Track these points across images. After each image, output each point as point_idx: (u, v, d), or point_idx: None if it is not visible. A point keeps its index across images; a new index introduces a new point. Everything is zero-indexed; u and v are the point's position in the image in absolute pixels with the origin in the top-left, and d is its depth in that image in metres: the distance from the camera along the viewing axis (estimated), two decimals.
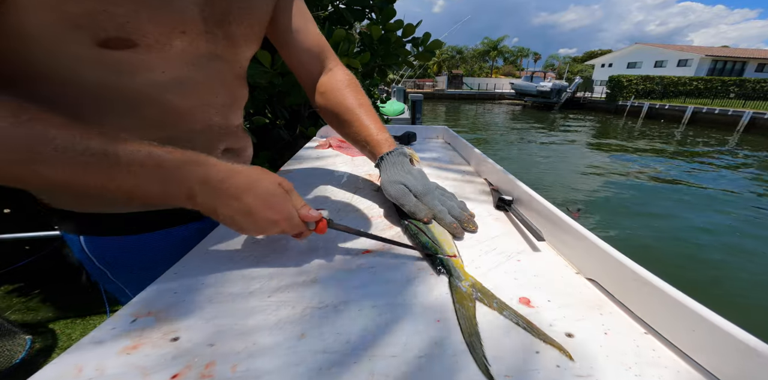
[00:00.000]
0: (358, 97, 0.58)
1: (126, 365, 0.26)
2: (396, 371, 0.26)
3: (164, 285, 0.35)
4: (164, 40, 0.38)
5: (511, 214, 0.53)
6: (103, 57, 0.36)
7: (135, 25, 0.35)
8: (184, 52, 0.41)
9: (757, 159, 8.31)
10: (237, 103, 0.55)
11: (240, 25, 0.47)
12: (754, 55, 24.31)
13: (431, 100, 29.10)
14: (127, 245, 0.51)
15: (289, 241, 0.45)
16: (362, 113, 0.57)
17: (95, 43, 0.34)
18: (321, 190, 0.66)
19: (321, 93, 0.59)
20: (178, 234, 0.54)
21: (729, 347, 0.25)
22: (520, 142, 10.31)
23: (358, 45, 1.42)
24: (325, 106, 0.59)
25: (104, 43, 0.35)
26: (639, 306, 0.32)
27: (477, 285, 0.36)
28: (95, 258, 0.51)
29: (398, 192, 0.49)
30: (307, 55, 0.58)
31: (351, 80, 0.60)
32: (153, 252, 0.52)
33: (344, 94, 0.58)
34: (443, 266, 0.39)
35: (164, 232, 0.53)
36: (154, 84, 0.41)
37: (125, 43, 0.36)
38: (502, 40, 52.02)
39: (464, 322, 0.31)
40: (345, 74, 0.61)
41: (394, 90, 7.00)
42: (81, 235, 0.49)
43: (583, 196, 5.34)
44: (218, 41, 0.45)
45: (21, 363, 1.36)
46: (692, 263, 3.41)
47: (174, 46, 0.40)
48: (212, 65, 0.46)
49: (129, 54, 0.37)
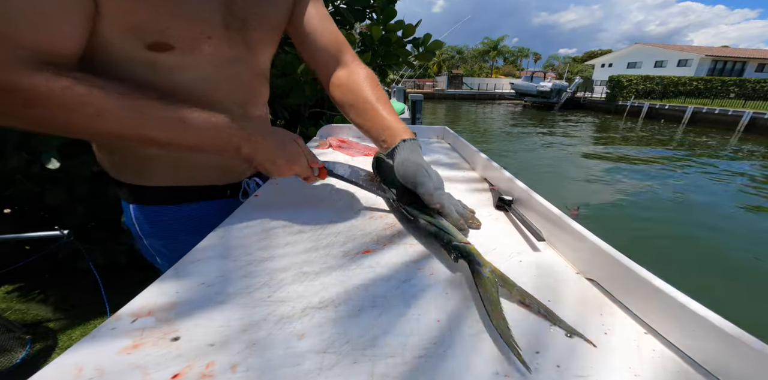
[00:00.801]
0: (375, 90, 0.60)
1: (126, 365, 0.26)
2: (396, 371, 0.26)
3: (164, 285, 0.35)
4: (195, 44, 0.47)
5: (511, 214, 0.54)
6: (148, 58, 0.45)
7: (173, 31, 0.44)
8: (210, 55, 0.50)
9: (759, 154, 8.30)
10: (257, 98, 0.63)
11: (257, 30, 0.54)
12: (754, 55, 24.31)
13: (431, 100, 29.09)
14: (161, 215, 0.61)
15: (289, 241, 0.45)
16: (381, 105, 0.58)
17: (144, 47, 0.44)
18: (321, 189, 0.66)
19: (338, 86, 0.61)
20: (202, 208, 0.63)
21: (729, 347, 0.25)
22: (520, 142, 10.31)
23: (359, 45, 1.42)
24: (342, 98, 0.61)
25: (151, 46, 0.44)
26: (639, 306, 0.32)
27: (497, 272, 0.36)
28: (138, 224, 0.62)
29: (418, 170, 0.50)
30: (324, 53, 0.62)
31: (369, 74, 0.62)
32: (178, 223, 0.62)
33: (362, 87, 0.59)
34: (461, 253, 0.39)
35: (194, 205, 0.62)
36: (185, 81, 0.49)
37: (165, 47, 0.45)
38: (502, 40, 52.01)
39: (490, 307, 0.31)
40: (363, 69, 0.62)
41: (394, 90, 6.99)
42: (131, 204, 0.61)
43: (582, 196, 5.34)
44: (238, 45, 0.52)
45: (21, 363, 1.36)
46: (691, 262, 3.41)
47: (202, 49, 0.48)
48: (233, 66, 0.54)
49: (168, 56, 0.46)
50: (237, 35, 0.51)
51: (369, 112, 0.58)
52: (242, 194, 0.66)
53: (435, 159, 0.93)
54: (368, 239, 0.46)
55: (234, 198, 0.66)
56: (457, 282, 0.37)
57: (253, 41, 0.54)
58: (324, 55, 0.61)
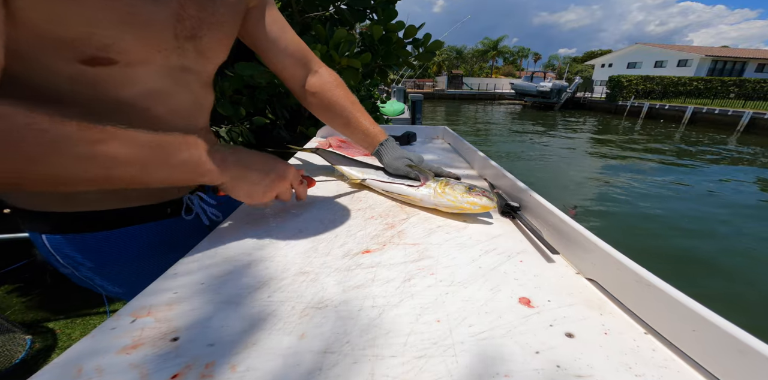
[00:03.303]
0: (348, 96, 0.66)
1: (126, 365, 0.26)
2: (396, 371, 0.26)
3: (164, 285, 0.35)
4: (142, 57, 0.42)
5: (518, 221, 0.52)
6: (79, 74, 0.39)
7: (119, 46, 0.39)
8: (158, 66, 0.45)
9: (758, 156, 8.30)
10: (202, 109, 0.58)
11: (209, 38, 0.50)
12: (754, 55, 24.31)
13: (431, 100, 29.11)
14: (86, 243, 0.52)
15: (288, 242, 0.45)
16: (356, 110, 0.66)
17: (77, 61, 0.38)
18: (321, 189, 0.66)
19: (313, 93, 0.65)
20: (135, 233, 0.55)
21: (729, 347, 0.25)
22: (520, 142, 10.31)
23: (359, 45, 1.42)
24: (319, 105, 0.66)
25: (86, 61, 0.38)
26: (639, 306, 0.32)
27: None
28: (59, 256, 0.52)
29: (403, 161, 0.63)
30: (291, 60, 0.63)
31: (338, 80, 0.67)
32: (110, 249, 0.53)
33: (336, 94, 0.65)
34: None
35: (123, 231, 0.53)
36: (127, 96, 0.44)
37: (105, 61, 0.39)
38: (502, 40, 52.06)
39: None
40: (331, 75, 0.66)
41: (394, 90, 6.99)
42: (43, 234, 0.51)
43: (581, 195, 5.34)
44: (188, 54, 0.49)
45: (21, 363, 1.36)
46: (689, 262, 3.41)
47: (150, 62, 0.44)
48: (182, 76, 0.50)
49: (107, 70, 0.40)
50: (188, 44, 0.47)
51: (347, 118, 0.65)
52: (185, 211, 0.58)
53: (435, 159, 0.93)
54: (368, 239, 0.46)
55: (176, 217, 0.57)
56: (457, 282, 0.37)
57: (205, 49, 0.51)
58: (291, 62, 0.63)
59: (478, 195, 0.52)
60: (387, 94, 6.70)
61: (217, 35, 0.51)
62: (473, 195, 0.52)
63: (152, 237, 0.55)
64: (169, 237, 0.57)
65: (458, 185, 0.55)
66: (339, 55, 1.18)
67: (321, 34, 1.21)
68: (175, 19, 0.43)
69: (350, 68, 1.23)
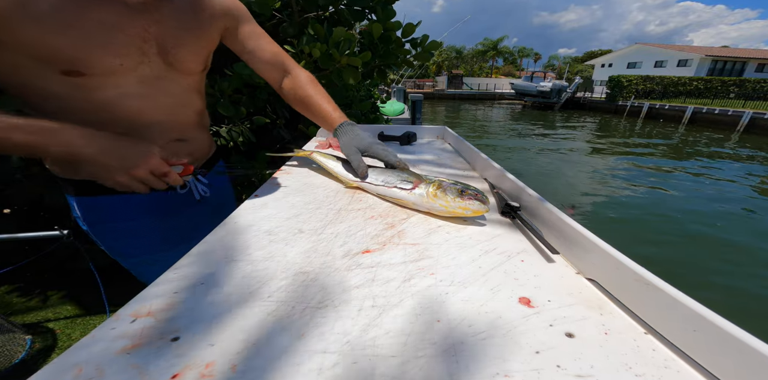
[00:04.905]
0: (316, 88, 0.76)
1: (126, 365, 0.26)
2: (396, 371, 0.26)
3: (164, 285, 0.35)
4: (108, 70, 0.52)
5: (517, 221, 0.52)
6: (65, 81, 0.50)
7: (83, 62, 0.49)
8: (130, 76, 0.55)
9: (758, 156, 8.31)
10: (186, 107, 0.68)
11: (178, 53, 0.59)
12: (754, 55, 24.29)
13: (431, 100, 29.08)
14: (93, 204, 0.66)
15: (288, 242, 0.45)
16: (320, 99, 0.75)
17: (59, 72, 0.49)
18: (321, 189, 0.66)
19: (288, 89, 0.76)
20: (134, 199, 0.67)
21: (729, 347, 0.25)
22: (520, 142, 10.30)
23: (358, 44, 1.42)
24: (294, 97, 0.77)
25: (64, 72, 0.49)
26: (639, 306, 0.32)
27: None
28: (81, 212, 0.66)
29: (350, 151, 0.69)
30: (268, 66, 0.74)
31: (310, 77, 0.77)
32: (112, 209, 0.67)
33: (306, 88, 0.75)
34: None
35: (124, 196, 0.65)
36: (107, 97, 0.55)
37: (76, 74, 0.50)
38: (502, 40, 52.01)
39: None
40: (304, 73, 0.77)
41: (394, 90, 6.99)
42: (74, 197, 0.65)
43: (580, 195, 5.34)
44: (159, 67, 0.58)
45: (21, 363, 1.36)
46: (689, 262, 3.41)
47: (119, 73, 0.53)
48: (157, 83, 0.59)
49: (82, 79, 0.51)
50: (157, 58, 0.57)
51: (313, 105, 0.75)
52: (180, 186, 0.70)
53: (435, 159, 0.93)
54: (368, 239, 0.46)
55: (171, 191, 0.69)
56: (457, 282, 0.37)
57: (178, 62, 0.60)
58: (269, 68, 0.74)
59: (470, 200, 0.51)
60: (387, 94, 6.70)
61: (182, 52, 0.60)
62: (465, 200, 0.51)
63: (149, 203, 0.68)
64: (164, 205, 0.71)
65: (450, 188, 0.54)
66: (339, 53, 1.18)
67: (320, 34, 1.21)
68: (140, 39, 0.54)
69: (350, 67, 1.23)
